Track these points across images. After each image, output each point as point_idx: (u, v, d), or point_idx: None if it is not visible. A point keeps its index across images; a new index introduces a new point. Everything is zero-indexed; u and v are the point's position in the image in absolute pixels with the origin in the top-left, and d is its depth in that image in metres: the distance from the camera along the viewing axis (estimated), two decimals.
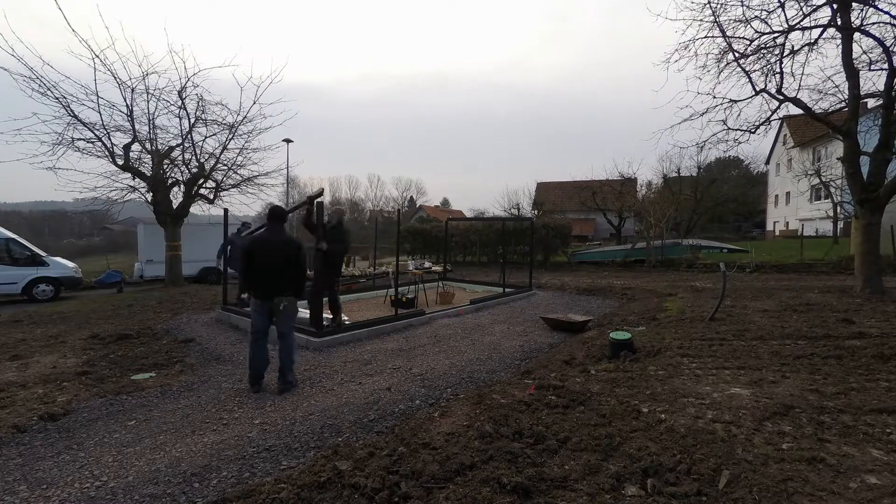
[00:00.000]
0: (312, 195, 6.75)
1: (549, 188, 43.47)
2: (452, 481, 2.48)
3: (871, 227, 8.42)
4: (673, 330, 6.09)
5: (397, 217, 11.90)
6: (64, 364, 5.49)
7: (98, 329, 7.38)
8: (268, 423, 3.76)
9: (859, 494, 2.19)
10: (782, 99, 8.68)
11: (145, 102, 12.63)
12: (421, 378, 4.92)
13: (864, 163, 8.56)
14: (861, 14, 8.21)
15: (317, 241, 6.55)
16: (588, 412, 3.36)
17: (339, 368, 5.32)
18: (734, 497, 2.20)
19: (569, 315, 7.85)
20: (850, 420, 3.02)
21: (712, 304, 7.02)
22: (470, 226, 20.09)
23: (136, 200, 13.79)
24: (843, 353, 4.52)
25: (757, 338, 5.34)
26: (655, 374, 4.23)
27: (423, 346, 6.33)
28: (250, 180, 14.80)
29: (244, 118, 13.83)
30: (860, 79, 8.29)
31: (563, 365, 4.93)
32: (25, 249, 13.05)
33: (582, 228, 35.94)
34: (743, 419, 3.09)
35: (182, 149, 13.69)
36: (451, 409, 3.71)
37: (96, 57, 11.36)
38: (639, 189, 33.94)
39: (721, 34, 8.67)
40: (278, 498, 2.41)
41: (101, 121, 12.03)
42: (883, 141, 8.25)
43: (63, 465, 3.13)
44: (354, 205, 59.79)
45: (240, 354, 5.99)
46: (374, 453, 2.88)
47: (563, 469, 2.54)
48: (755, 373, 4.10)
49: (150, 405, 4.23)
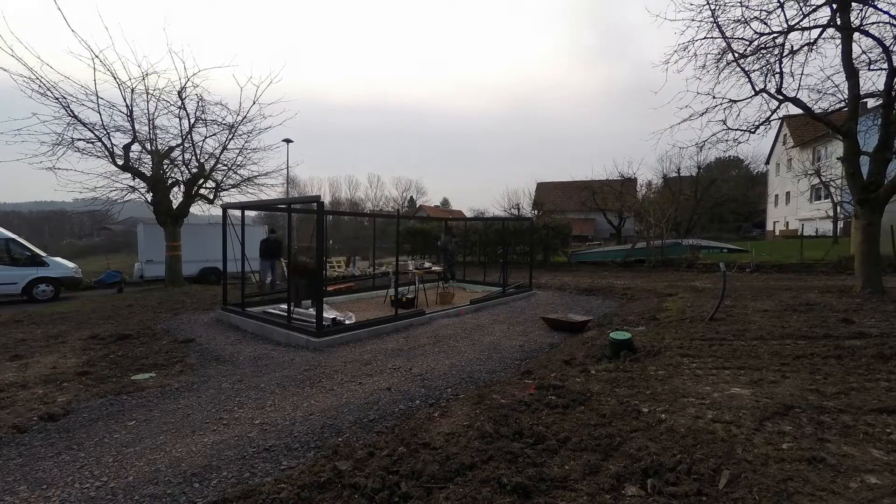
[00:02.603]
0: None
1: (549, 188, 43.50)
2: (452, 481, 2.48)
3: (871, 227, 8.42)
4: (673, 330, 6.09)
5: (397, 217, 11.89)
6: (64, 364, 5.49)
7: (98, 329, 7.38)
8: (268, 423, 3.76)
9: (859, 494, 2.19)
10: (782, 99, 8.68)
11: (145, 102, 12.65)
12: (421, 378, 4.92)
13: (864, 163, 8.56)
14: (860, 14, 8.20)
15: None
16: (588, 412, 3.36)
17: (340, 368, 5.32)
18: (734, 497, 2.20)
19: (569, 315, 7.85)
20: (850, 420, 3.02)
21: (712, 304, 7.03)
22: (470, 226, 20.09)
23: (136, 200, 13.80)
24: (843, 352, 4.52)
25: (757, 338, 5.34)
26: (655, 374, 4.23)
27: (423, 346, 6.33)
28: (250, 180, 14.81)
29: (244, 118, 13.85)
30: (860, 78, 8.29)
31: (563, 365, 4.93)
32: (25, 249, 13.04)
33: (582, 228, 35.97)
34: (743, 419, 3.09)
35: (182, 149, 13.70)
36: (451, 409, 3.72)
37: (96, 57, 11.37)
38: (639, 189, 33.98)
39: (720, 34, 8.67)
40: (278, 498, 2.41)
41: (101, 121, 12.05)
42: (883, 141, 8.25)
43: (63, 465, 3.13)
44: (354, 205, 59.81)
45: (240, 354, 6.00)
46: (374, 453, 2.88)
47: (563, 469, 2.54)
48: (755, 373, 4.10)
49: (150, 405, 4.23)
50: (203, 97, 13.14)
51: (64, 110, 11.57)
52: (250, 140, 14.36)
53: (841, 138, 8.84)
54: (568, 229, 19.37)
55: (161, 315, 8.72)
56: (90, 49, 11.32)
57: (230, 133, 13.85)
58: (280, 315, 7.68)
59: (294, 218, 10.20)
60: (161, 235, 14.19)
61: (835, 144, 22.53)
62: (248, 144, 14.41)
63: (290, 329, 6.85)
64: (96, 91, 11.70)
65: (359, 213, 45.46)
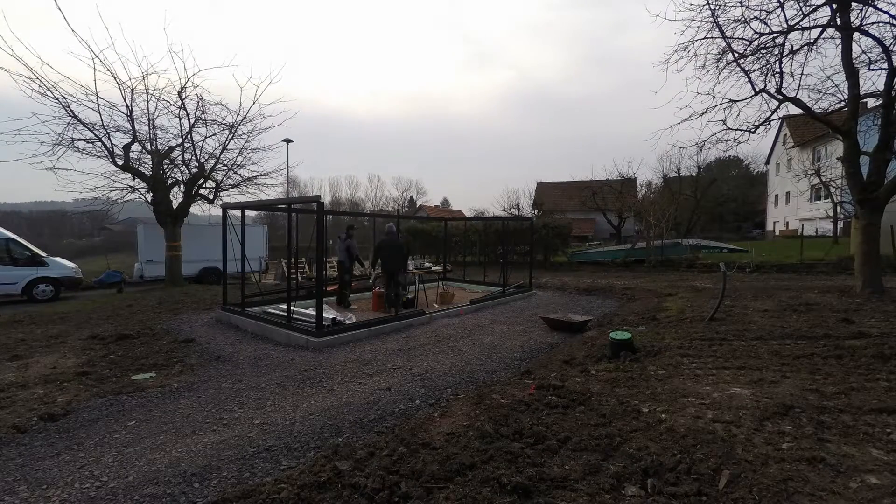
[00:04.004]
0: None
1: (549, 188, 43.49)
2: (452, 481, 2.48)
3: (871, 227, 8.42)
4: (673, 330, 6.09)
5: (396, 217, 11.88)
6: (64, 364, 5.49)
7: (98, 329, 7.38)
8: (268, 423, 3.76)
9: (859, 494, 2.19)
10: (782, 99, 8.68)
11: (145, 102, 12.65)
12: (421, 378, 4.92)
13: (864, 163, 8.56)
14: (860, 14, 8.20)
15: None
16: (588, 412, 3.36)
17: (340, 368, 5.32)
18: (734, 497, 2.20)
19: (569, 315, 7.84)
20: (850, 420, 3.02)
21: (712, 304, 7.02)
22: (470, 226, 20.09)
23: (136, 200, 13.81)
24: (843, 352, 4.52)
25: (757, 338, 5.34)
26: (655, 374, 4.23)
27: (423, 346, 6.33)
28: (250, 180, 14.83)
29: (244, 118, 13.85)
30: (860, 78, 8.29)
31: (564, 365, 4.93)
32: (25, 249, 13.04)
33: (582, 228, 35.93)
34: (743, 419, 3.09)
35: (182, 149, 13.71)
36: (451, 409, 3.72)
37: (96, 57, 11.38)
38: (639, 189, 33.96)
39: (720, 34, 8.67)
40: (278, 498, 2.41)
41: (101, 121, 12.06)
42: (883, 141, 8.25)
43: (63, 465, 3.13)
44: (354, 205, 59.79)
45: (240, 354, 6.00)
46: (374, 453, 2.88)
47: (563, 469, 2.54)
48: (755, 373, 4.10)
49: (150, 405, 4.23)
50: (203, 97, 13.17)
51: (64, 110, 11.59)
52: (250, 140, 14.39)
53: (841, 138, 8.85)
54: (568, 229, 19.38)
55: (161, 315, 8.72)
56: (90, 49, 11.36)
57: (230, 133, 13.87)
58: (280, 315, 7.68)
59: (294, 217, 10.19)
60: (161, 235, 14.20)
61: (835, 144, 22.52)
62: (248, 144, 14.44)
63: (290, 329, 6.85)
64: (96, 91, 11.72)
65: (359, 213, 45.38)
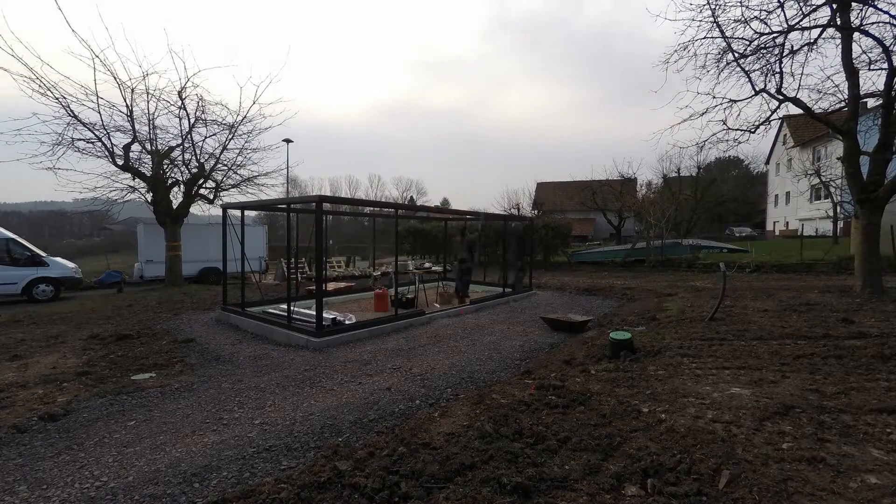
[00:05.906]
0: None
1: (549, 188, 43.48)
2: (452, 481, 2.48)
3: (871, 227, 8.42)
4: (673, 330, 6.09)
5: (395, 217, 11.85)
6: (64, 364, 5.49)
7: (98, 329, 7.38)
8: (268, 423, 3.76)
9: (859, 494, 2.19)
10: (782, 99, 8.68)
11: (145, 102, 12.67)
12: (421, 378, 4.92)
13: (864, 163, 8.56)
14: (860, 14, 8.21)
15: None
16: (588, 412, 3.36)
17: (340, 368, 5.32)
18: (734, 497, 2.20)
19: (569, 315, 7.84)
20: (850, 420, 3.02)
21: (712, 303, 7.02)
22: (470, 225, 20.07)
23: (136, 200, 13.82)
24: (843, 352, 4.52)
25: (757, 338, 5.34)
26: (655, 374, 4.23)
27: (423, 346, 6.33)
28: (250, 180, 14.84)
29: (244, 118, 13.86)
30: (860, 78, 8.30)
31: (563, 365, 4.93)
32: (25, 250, 13.04)
33: (582, 228, 35.92)
34: (743, 419, 3.09)
35: (182, 149, 13.72)
36: (451, 409, 3.72)
37: (96, 57, 11.39)
38: (639, 189, 33.94)
39: (721, 34, 8.67)
40: (278, 498, 2.41)
41: (101, 121, 12.07)
42: (883, 141, 8.25)
43: (63, 465, 3.13)
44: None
45: (240, 354, 6.00)
46: (374, 453, 2.88)
47: (563, 469, 2.54)
48: (755, 373, 4.10)
49: (150, 405, 4.23)
50: (203, 97, 13.19)
51: (64, 110, 11.60)
52: (250, 140, 14.40)
53: (841, 138, 8.85)
54: (568, 229, 19.38)
55: (161, 315, 8.72)
56: (90, 49, 11.37)
57: (230, 133, 13.88)
58: (280, 315, 7.68)
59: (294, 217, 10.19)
60: (161, 235, 14.20)
61: (835, 144, 22.53)
62: (248, 144, 14.44)
63: (290, 329, 6.85)
64: (96, 91, 11.74)
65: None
